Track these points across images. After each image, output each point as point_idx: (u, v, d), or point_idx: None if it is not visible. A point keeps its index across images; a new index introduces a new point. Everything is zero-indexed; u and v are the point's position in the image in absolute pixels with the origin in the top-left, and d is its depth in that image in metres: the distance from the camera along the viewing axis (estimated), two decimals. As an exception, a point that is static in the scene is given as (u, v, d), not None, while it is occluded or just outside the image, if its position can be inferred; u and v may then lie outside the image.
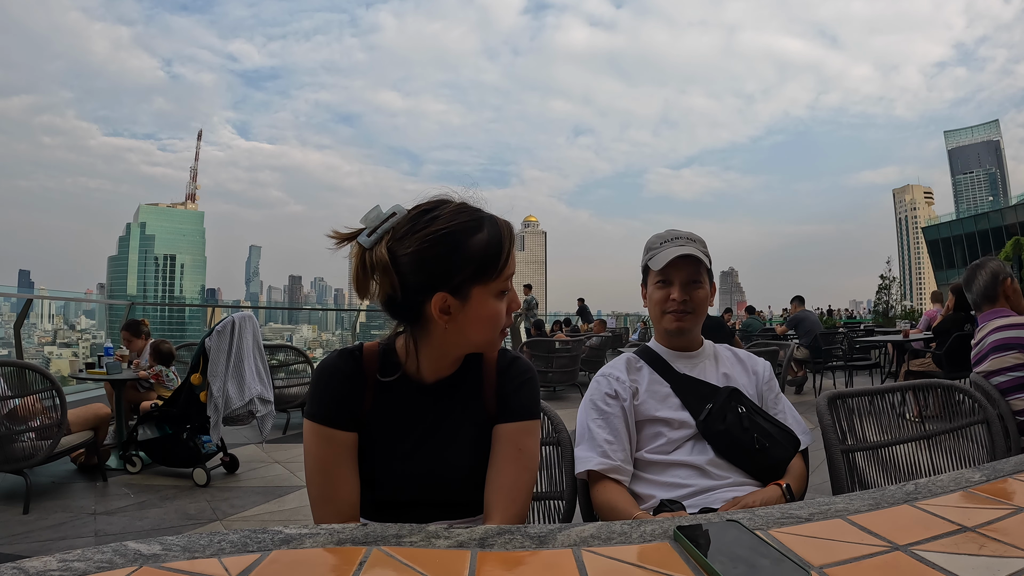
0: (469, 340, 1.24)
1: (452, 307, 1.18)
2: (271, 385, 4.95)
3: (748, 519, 0.90)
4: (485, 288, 1.19)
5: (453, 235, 1.17)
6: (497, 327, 1.24)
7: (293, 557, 0.78)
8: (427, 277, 1.17)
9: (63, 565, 0.71)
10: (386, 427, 1.26)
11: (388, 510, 1.25)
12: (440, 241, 1.16)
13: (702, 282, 1.74)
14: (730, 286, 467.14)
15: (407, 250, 1.17)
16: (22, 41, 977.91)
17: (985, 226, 49.59)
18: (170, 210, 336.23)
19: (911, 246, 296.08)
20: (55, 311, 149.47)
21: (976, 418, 1.90)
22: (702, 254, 1.72)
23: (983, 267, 3.09)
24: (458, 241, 1.17)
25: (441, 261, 1.17)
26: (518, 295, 1.28)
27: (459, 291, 1.18)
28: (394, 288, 1.17)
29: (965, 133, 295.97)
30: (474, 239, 1.18)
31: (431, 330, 1.23)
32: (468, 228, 1.19)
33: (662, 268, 1.73)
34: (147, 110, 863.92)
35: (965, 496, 0.99)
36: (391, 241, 1.18)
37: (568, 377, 8.99)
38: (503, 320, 1.24)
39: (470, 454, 1.28)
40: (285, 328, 38.64)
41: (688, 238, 1.76)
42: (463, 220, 1.19)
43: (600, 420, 1.69)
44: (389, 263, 1.16)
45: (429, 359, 1.27)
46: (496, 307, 1.22)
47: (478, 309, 1.20)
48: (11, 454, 3.83)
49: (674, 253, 1.71)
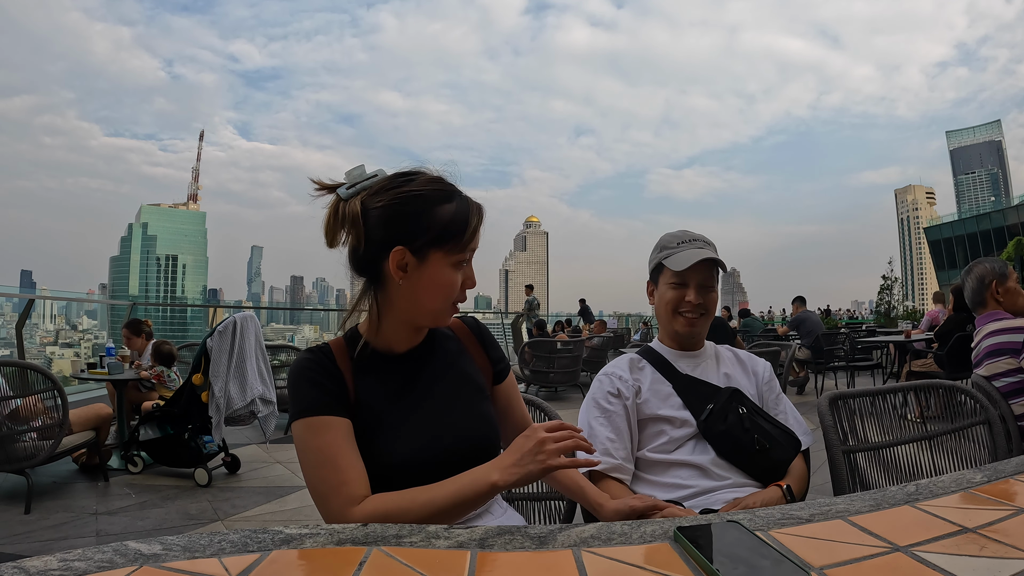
0: (421, 305, 1.27)
1: (409, 265, 1.22)
2: (273, 385, 4.95)
3: (748, 520, 0.90)
4: (444, 255, 1.23)
5: (423, 198, 1.23)
6: (449, 297, 1.27)
7: (293, 557, 0.78)
8: (391, 232, 1.22)
9: (64, 564, 0.71)
10: (375, 406, 1.26)
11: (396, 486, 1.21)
12: (409, 201, 1.22)
13: (714, 286, 1.75)
14: (732, 287, 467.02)
15: (377, 204, 1.22)
16: (23, 42, 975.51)
17: (987, 226, 49.54)
18: (172, 210, 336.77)
19: (913, 246, 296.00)
20: (57, 311, 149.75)
21: (977, 419, 1.90)
22: (718, 256, 1.73)
23: (971, 272, 3.09)
24: (427, 204, 1.22)
25: (406, 219, 1.22)
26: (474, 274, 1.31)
27: (418, 251, 1.22)
28: (359, 240, 1.23)
29: (967, 133, 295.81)
30: (442, 207, 1.23)
31: (389, 291, 1.26)
32: (439, 196, 1.24)
33: (681, 270, 1.72)
34: (148, 110, 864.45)
35: (966, 497, 0.99)
36: (366, 196, 1.24)
37: (569, 378, 8.98)
38: (455, 291, 1.27)
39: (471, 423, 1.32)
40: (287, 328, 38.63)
41: (704, 241, 1.76)
42: (436, 187, 1.25)
43: (602, 418, 1.69)
44: (359, 214, 1.22)
45: (392, 326, 1.30)
46: (451, 276, 1.25)
47: (433, 273, 1.23)
48: (13, 454, 3.83)
49: (697, 256, 1.70)
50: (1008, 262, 3.21)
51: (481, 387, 1.40)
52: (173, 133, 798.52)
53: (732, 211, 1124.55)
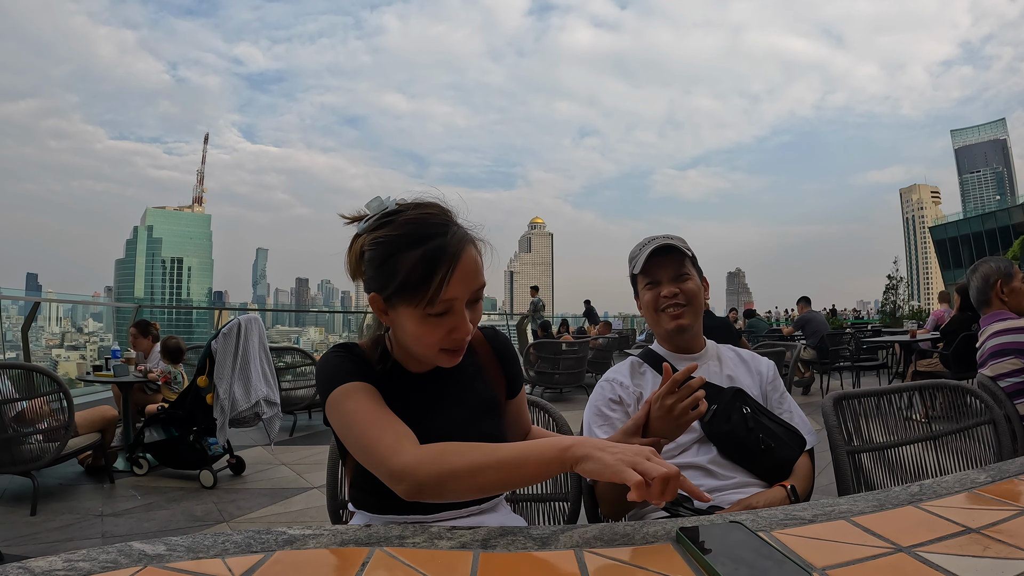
0: (408, 347, 1.25)
1: (387, 311, 1.21)
2: (277, 387, 4.96)
3: (751, 520, 0.90)
4: (411, 307, 1.15)
5: (389, 244, 1.16)
6: (426, 346, 1.20)
7: (296, 558, 0.78)
8: (368, 277, 1.22)
9: (68, 565, 0.72)
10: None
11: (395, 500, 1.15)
12: (378, 247, 1.18)
13: (690, 275, 1.73)
14: (737, 287, 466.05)
15: (367, 245, 1.20)
16: (28, 46, 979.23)
17: (992, 225, 49.34)
18: (177, 213, 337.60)
19: (918, 246, 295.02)
20: (63, 314, 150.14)
21: (983, 419, 1.89)
22: (682, 245, 1.72)
23: (976, 271, 3.08)
24: (389, 253, 1.16)
25: (374, 266, 1.19)
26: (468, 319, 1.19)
27: (388, 300, 1.18)
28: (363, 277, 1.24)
29: (971, 132, 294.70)
30: (407, 254, 1.14)
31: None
32: (407, 241, 1.15)
33: (646, 268, 1.74)
34: (153, 113, 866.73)
35: (970, 497, 0.99)
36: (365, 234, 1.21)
37: (574, 379, 8.98)
38: (434, 342, 1.18)
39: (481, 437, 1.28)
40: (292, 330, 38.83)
41: (665, 236, 1.76)
42: (408, 231, 1.16)
43: (606, 426, 1.69)
44: (359, 254, 1.22)
45: (402, 354, 1.29)
46: (417, 329, 1.17)
47: (404, 324, 1.19)
48: (19, 456, 3.85)
49: (651, 246, 1.72)
50: (1014, 261, 3.20)
51: (496, 406, 1.38)
52: (178, 136, 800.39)
53: (737, 212, 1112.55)
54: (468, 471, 1.02)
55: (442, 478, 1.02)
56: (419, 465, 1.04)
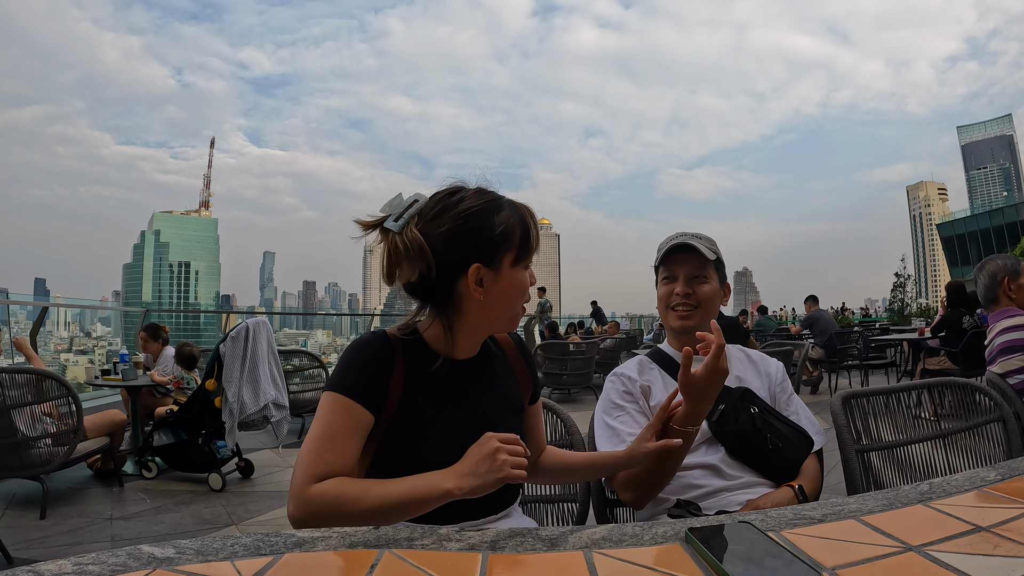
0: (499, 313, 1.30)
1: (486, 279, 1.25)
2: (286, 390, 4.98)
3: (760, 520, 0.89)
4: (515, 261, 1.27)
5: (483, 212, 1.25)
6: (523, 299, 1.32)
7: (305, 560, 0.78)
8: (463, 252, 1.23)
9: (78, 568, 0.72)
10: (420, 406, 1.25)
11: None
12: (472, 217, 1.24)
13: (708, 278, 1.72)
14: (744, 286, 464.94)
15: (441, 228, 1.23)
16: (33, 52, 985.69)
17: (1000, 221, 49.09)
18: (184, 217, 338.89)
19: (926, 243, 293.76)
20: (71, 319, 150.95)
21: (992, 416, 1.88)
22: (706, 248, 1.70)
23: (983, 269, 3.07)
24: (487, 217, 1.25)
25: (475, 235, 1.24)
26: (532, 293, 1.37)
27: (492, 262, 1.25)
28: (429, 267, 1.22)
29: (978, 128, 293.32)
30: (501, 215, 1.26)
31: (464, 308, 1.27)
32: (494, 206, 1.27)
33: (665, 263, 1.75)
34: (159, 118, 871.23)
35: (980, 495, 0.98)
36: (420, 223, 1.24)
37: (582, 379, 8.98)
38: (528, 292, 1.32)
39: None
40: (300, 333, 38.96)
41: (694, 235, 1.75)
42: (489, 199, 1.28)
43: (623, 416, 1.68)
44: (424, 242, 1.21)
45: (464, 339, 1.31)
46: (523, 279, 1.30)
47: (509, 280, 1.27)
48: (28, 460, 3.87)
49: (672, 242, 1.73)
50: (1021, 258, 3.18)
51: (521, 407, 1.44)
52: (184, 141, 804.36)
53: (744, 210, 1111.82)
54: (360, 517, 1.08)
55: (332, 519, 1.07)
56: (315, 499, 1.10)
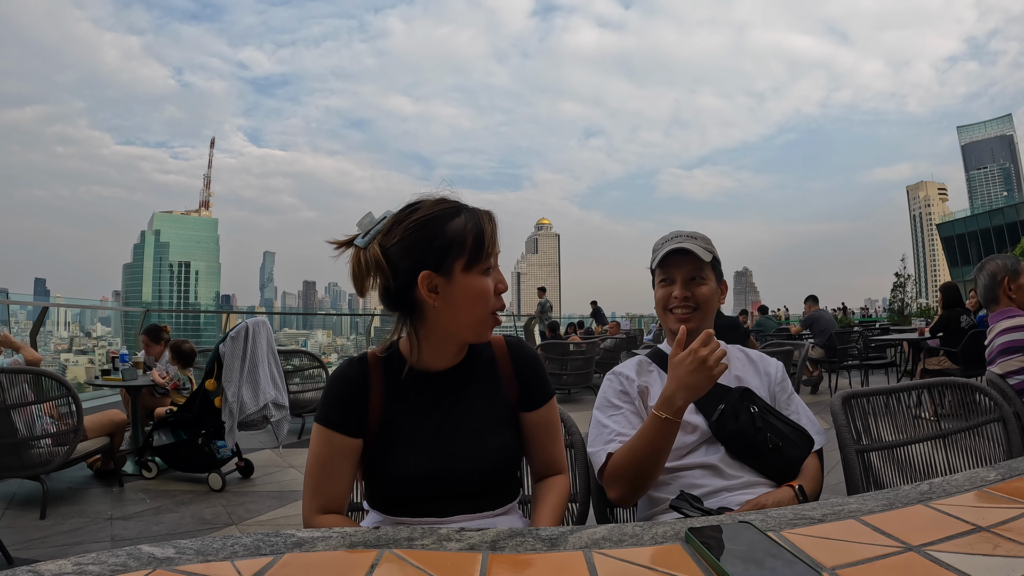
0: (460, 320, 1.29)
1: (439, 285, 1.26)
2: (286, 390, 4.97)
3: (760, 520, 0.89)
4: (467, 264, 1.26)
5: (433, 220, 1.27)
6: (485, 304, 1.30)
7: (305, 560, 0.78)
8: (413, 261, 1.26)
9: (78, 568, 0.72)
10: (401, 421, 1.32)
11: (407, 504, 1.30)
12: (422, 226, 1.26)
13: (706, 279, 1.72)
14: (744, 286, 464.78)
15: (394, 240, 1.27)
16: (33, 52, 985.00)
17: (1000, 221, 49.05)
18: (184, 217, 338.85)
19: (926, 243, 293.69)
20: (71, 318, 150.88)
21: (992, 416, 1.88)
22: (702, 250, 1.70)
23: (983, 269, 3.07)
24: (438, 225, 1.27)
25: (424, 243, 1.26)
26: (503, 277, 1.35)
27: (442, 268, 1.26)
28: (387, 279, 1.27)
29: (978, 128, 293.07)
30: (453, 222, 1.27)
31: (427, 316, 1.30)
32: (447, 214, 1.28)
33: (662, 265, 1.74)
34: (159, 118, 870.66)
35: (980, 495, 0.98)
36: (381, 238, 1.28)
37: (582, 379, 9.00)
38: (490, 297, 1.30)
39: (490, 445, 1.34)
40: (300, 333, 39.05)
41: (690, 236, 1.75)
42: (442, 208, 1.29)
43: (617, 415, 1.68)
44: (380, 256, 1.26)
45: (431, 348, 1.34)
46: (480, 283, 1.28)
47: (464, 285, 1.27)
48: (28, 460, 3.87)
49: (669, 246, 1.72)
50: (1021, 258, 3.18)
51: (508, 415, 1.41)
52: (184, 141, 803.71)
53: (744, 210, 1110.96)
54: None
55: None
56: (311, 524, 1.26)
